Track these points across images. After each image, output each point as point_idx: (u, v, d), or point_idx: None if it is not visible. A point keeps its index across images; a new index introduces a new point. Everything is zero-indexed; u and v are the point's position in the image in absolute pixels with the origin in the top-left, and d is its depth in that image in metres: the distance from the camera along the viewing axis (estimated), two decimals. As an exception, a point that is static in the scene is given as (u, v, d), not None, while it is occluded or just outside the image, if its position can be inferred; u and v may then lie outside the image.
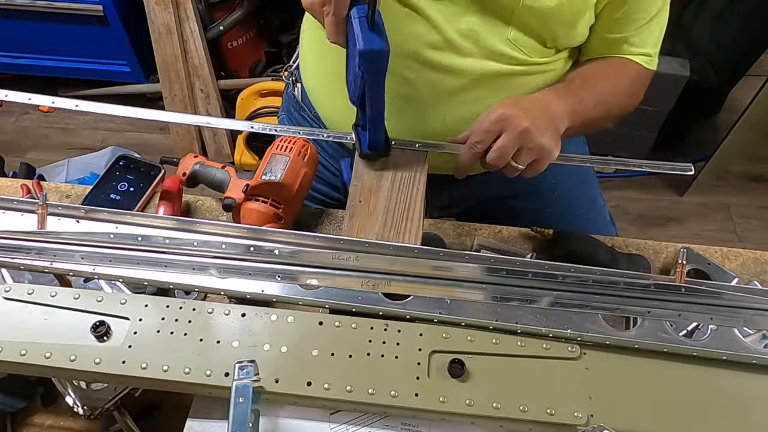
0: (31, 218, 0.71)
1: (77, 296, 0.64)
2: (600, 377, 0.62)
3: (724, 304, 0.67)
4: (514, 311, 0.66)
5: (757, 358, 0.64)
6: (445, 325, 0.65)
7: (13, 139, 2.43)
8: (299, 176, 0.87)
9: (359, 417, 0.62)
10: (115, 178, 0.99)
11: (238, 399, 0.55)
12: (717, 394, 0.63)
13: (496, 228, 0.97)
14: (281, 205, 0.87)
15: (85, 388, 0.68)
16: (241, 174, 0.91)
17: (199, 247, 0.69)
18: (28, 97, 0.84)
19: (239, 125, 1.32)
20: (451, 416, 0.60)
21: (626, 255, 0.91)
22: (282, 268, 0.68)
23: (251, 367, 0.57)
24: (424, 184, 0.79)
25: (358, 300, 0.66)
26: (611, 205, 2.20)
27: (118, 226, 0.71)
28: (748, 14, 2.08)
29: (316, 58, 1.03)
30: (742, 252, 0.95)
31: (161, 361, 0.60)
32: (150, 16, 2.01)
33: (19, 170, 2.03)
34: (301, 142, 0.88)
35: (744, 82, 2.22)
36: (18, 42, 2.29)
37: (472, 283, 0.68)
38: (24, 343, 0.60)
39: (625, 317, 0.72)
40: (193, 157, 0.97)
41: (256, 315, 0.64)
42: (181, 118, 1.10)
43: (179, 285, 0.68)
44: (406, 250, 0.69)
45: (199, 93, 2.17)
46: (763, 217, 2.20)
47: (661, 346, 0.64)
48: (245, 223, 0.83)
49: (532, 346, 0.64)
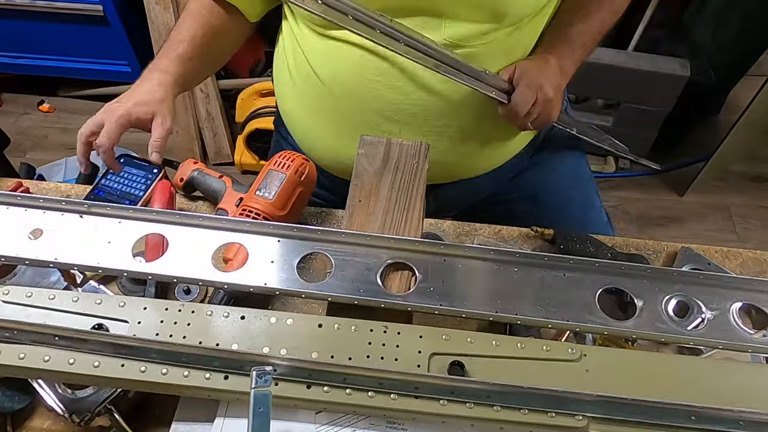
0: (34, 214, 0.71)
1: (76, 299, 0.64)
2: (600, 379, 0.62)
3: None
4: (513, 303, 0.66)
5: (753, 348, 0.64)
6: (445, 317, 0.65)
7: (13, 139, 2.40)
8: (294, 195, 0.86)
9: (344, 417, 0.62)
10: (114, 177, 0.99)
11: (258, 408, 0.54)
12: (719, 396, 0.62)
13: (495, 228, 0.97)
14: (273, 222, 0.86)
15: (71, 394, 0.68)
16: (237, 186, 0.91)
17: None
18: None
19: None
20: (452, 419, 0.60)
21: (626, 255, 0.91)
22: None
23: (270, 374, 0.55)
24: (424, 184, 0.79)
25: (360, 293, 0.66)
26: (611, 205, 2.21)
27: (121, 221, 0.71)
28: (748, 14, 2.08)
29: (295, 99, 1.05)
30: (742, 252, 0.95)
31: (160, 364, 0.60)
32: (150, 16, 2.01)
33: (19, 170, 2.03)
34: (300, 160, 0.88)
35: (744, 82, 2.22)
36: (18, 42, 2.29)
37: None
38: (22, 347, 0.60)
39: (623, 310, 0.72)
40: (192, 162, 0.97)
41: (256, 317, 0.64)
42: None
43: (183, 279, 0.67)
44: (407, 242, 0.69)
45: (199, 93, 2.17)
46: (763, 217, 2.20)
47: (659, 336, 0.64)
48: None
49: (532, 347, 0.63)
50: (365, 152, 0.82)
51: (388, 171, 0.80)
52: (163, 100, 0.86)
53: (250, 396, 0.55)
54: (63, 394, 0.68)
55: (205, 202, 0.99)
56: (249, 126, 2.13)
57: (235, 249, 0.77)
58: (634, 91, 2.06)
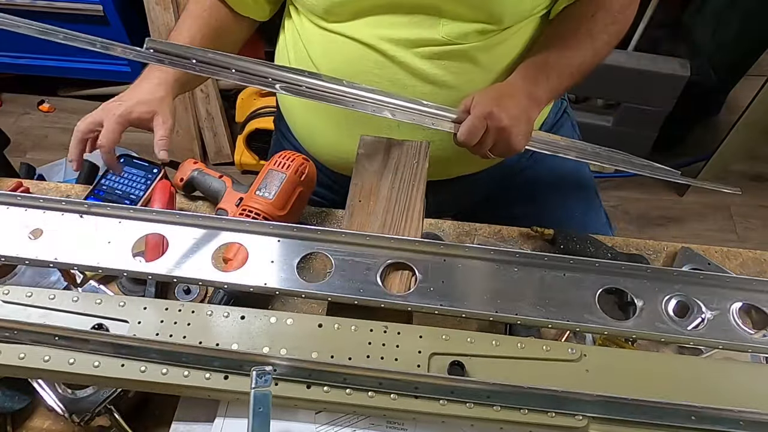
0: (34, 214, 0.71)
1: (76, 299, 0.64)
2: (600, 379, 0.62)
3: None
4: (513, 303, 0.66)
5: (753, 347, 0.64)
6: (445, 317, 0.65)
7: (13, 139, 2.40)
8: (294, 195, 0.86)
9: (344, 417, 0.62)
10: (114, 177, 0.99)
11: (258, 408, 0.54)
12: (719, 396, 0.62)
13: (495, 228, 0.97)
14: (273, 221, 0.86)
15: (71, 394, 0.68)
16: (237, 186, 0.91)
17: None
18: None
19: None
20: (452, 419, 0.60)
21: (626, 255, 0.91)
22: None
23: (270, 374, 0.56)
24: (424, 184, 0.79)
25: (360, 293, 0.66)
26: (611, 205, 2.21)
27: (121, 221, 0.71)
28: (748, 14, 2.09)
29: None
30: (742, 252, 0.95)
31: (160, 364, 0.60)
32: (150, 16, 2.01)
33: (19, 170, 2.03)
34: (300, 160, 0.88)
35: (744, 82, 2.22)
36: (18, 42, 2.28)
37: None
38: (22, 346, 0.60)
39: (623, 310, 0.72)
40: (192, 162, 0.97)
41: (255, 317, 0.64)
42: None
43: (183, 279, 0.67)
44: (407, 242, 0.69)
45: (199, 93, 2.17)
46: (763, 217, 2.20)
47: (659, 336, 0.64)
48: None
49: (532, 347, 0.63)
50: (365, 152, 0.82)
51: (388, 171, 0.80)
52: (163, 99, 0.86)
53: (250, 396, 0.55)
54: (63, 394, 0.68)
55: (205, 202, 0.99)
56: (249, 126, 2.13)
57: (235, 249, 0.77)
58: (634, 91, 2.06)
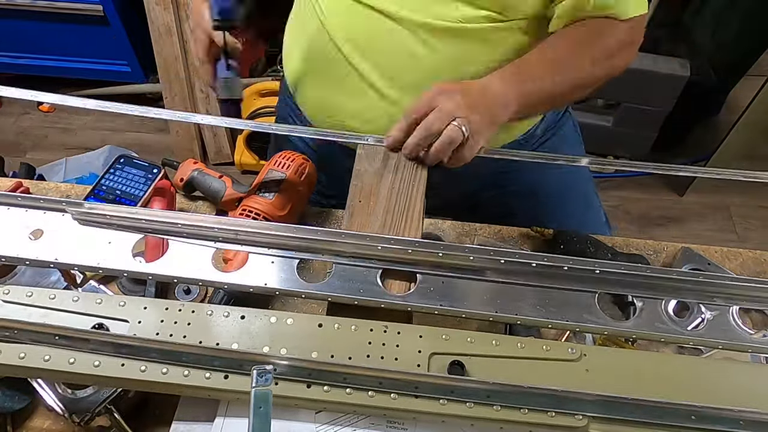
0: (34, 214, 0.71)
1: (76, 299, 0.64)
2: (600, 379, 0.62)
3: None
4: (513, 303, 0.66)
5: (753, 347, 0.64)
6: (445, 317, 0.65)
7: (13, 139, 2.43)
8: (293, 195, 0.86)
9: (344, 416, 0.63)
10: (114, 177, 0.99)
11: (258, 407, 0.54)
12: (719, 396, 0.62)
13: (495, 228, 0.97)
14: (273, 222, 0.86)
15: (71, 394, 0.68)
16: (237, 186, 0.91)
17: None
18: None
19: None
20: (452, 418, 0.60)
21: (626, 255, 0.91)
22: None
23: (270, 373, 0.55)
24: (424, 183, 0.79)
25: (360, 293, 0.66)
26: (611, 205, 2.21)
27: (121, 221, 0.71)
28: (748, 14, 2.09)
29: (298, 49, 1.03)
30: (742, 252, 0.95)
31: (160, 363, 0.60)
32: (150, 16, 2.01)
33: (19, 170, 2.03)
34: (299, 160, 0.88)
35: (744, 82, 2.22)
36: (18, 42, 2.29)
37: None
38: (23, 346, 0.60)
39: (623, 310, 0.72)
40: (192, 163, 0.97)
41: (256, 317, 0.64)
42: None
43: (183, 279, 0.68)
44: (407, 243, 0.69)
45: (199, 93, 2.17)
46: (763, 217, 2.20)
47: (659, 336, 0.64)
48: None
49: (532, 347, 0.63)
50: (365, 152, 0.82)
51: (388, 171, 0.80)
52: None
53: (251, 395, 0.55)
54: (63, 394, 0.68)
55: (205, 202, 0.99)
56: (249, 126, 2.13)
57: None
58: (634, 91, 2.06)
